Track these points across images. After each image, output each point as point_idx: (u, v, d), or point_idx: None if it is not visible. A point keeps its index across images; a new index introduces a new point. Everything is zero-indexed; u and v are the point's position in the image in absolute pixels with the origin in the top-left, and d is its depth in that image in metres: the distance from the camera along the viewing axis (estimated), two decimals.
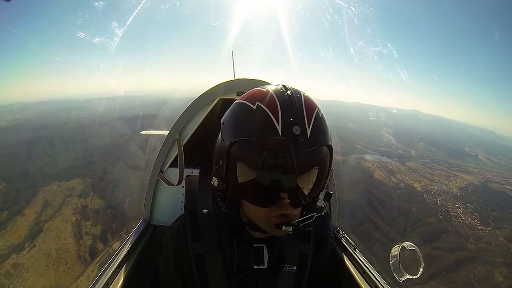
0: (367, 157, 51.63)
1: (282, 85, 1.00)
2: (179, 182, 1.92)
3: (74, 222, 25.89)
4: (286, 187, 0.92)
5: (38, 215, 26.62)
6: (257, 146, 0.88)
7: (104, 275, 1.42)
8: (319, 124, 0.93)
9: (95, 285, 1.34)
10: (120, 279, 1.48)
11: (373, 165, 46.78)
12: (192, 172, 2.02)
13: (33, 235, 24.24)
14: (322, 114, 0.97)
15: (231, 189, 1.02)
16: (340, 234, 1.80)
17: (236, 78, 2.00)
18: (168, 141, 1.93)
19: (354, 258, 1.59)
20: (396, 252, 1.29)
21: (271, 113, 0.90)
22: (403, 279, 1.25)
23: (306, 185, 0.99)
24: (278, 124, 0.88)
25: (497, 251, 27.90)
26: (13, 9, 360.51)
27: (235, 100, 1.29)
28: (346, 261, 1.61)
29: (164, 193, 2.03)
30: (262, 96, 0.96)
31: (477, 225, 31.70)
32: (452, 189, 43.10)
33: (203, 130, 1.99)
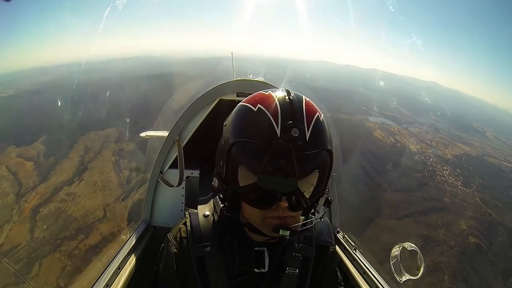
0: (371, 118, 52.21)
1: (285, 89, 1.00)
2: (179, 184, 1.91)
3: (114, 161, 30.29)
4: (287, 191, 0.91)
5: (82, 158, 30.81)
6: (257, 149, 0.89)
7: (104, 276, 1.40)
8: (319, 128, 0.93)
9: (95, 286, 1.32)
10: (120, 280, 1.47)
11: (374, 126, 47.57)
12: (192, 173, 2.01)
13: (80, 172, 28.56)
14: (323, 119, 0.97)
15: (231, 191, 1.01)
16: (340, 234, 1.77)
17: (236, 79, 2.00)
18: (168, 142, 1.90)
19: (354, 259, 1.58)
20: (397, 253, 1.27)
21: (271, 115, 0.90)
22: (403, 280, 1.24)
23: (307, 188, 0.99)
24: (278, 127, 0.88)
25: (469, 207, 30.20)
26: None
27: (234, 101, 1.33)
28: (346, 261, 1.59)
29: (164, 194, 2.00)
30: (264, 99, 0.97)
31: (458, 185, 33.45)
32: (447, 155, 43.90)
33: (203, 131, 1.98)
